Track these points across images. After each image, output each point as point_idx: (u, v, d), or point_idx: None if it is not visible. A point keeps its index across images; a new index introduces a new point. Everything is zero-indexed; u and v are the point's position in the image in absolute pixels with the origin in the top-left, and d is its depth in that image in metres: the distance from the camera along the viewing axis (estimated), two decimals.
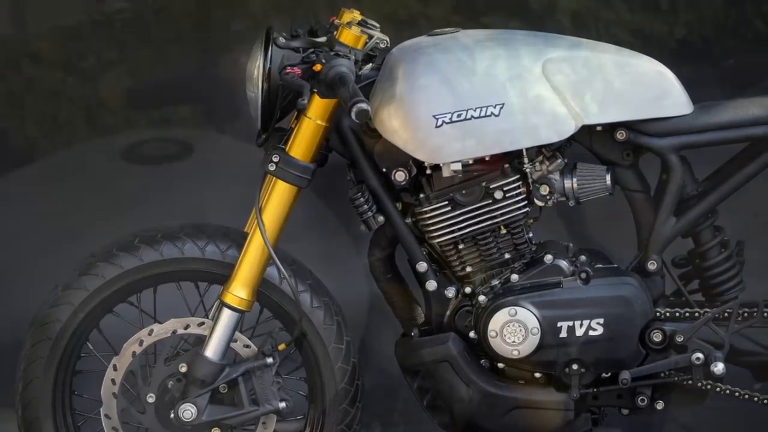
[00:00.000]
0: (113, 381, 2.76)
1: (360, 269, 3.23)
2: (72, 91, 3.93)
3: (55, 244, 3.75)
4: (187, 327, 2.75)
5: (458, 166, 2.67)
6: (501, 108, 2.62)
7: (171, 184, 3.91)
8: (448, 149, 2.63)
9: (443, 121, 2.61)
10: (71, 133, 3.96)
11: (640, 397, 2.73)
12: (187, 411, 2.70)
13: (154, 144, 4.00)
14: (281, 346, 2.76)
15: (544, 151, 2.71)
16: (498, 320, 2.68)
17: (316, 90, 2.61)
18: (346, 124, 2.70)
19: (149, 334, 2.75)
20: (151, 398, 2.74)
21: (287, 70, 2.61)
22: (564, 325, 2.67)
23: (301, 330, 2.75)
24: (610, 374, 2.71)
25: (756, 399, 2.73)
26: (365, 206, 2.71)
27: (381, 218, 2.73)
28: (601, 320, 2.67)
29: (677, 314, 2.73)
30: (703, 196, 2.73)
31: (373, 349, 3.53)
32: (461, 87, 2.63)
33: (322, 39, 2.70)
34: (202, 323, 2.74)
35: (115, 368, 2.76)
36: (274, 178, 2.67)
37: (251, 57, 2.69)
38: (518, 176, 2.69)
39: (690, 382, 2.71)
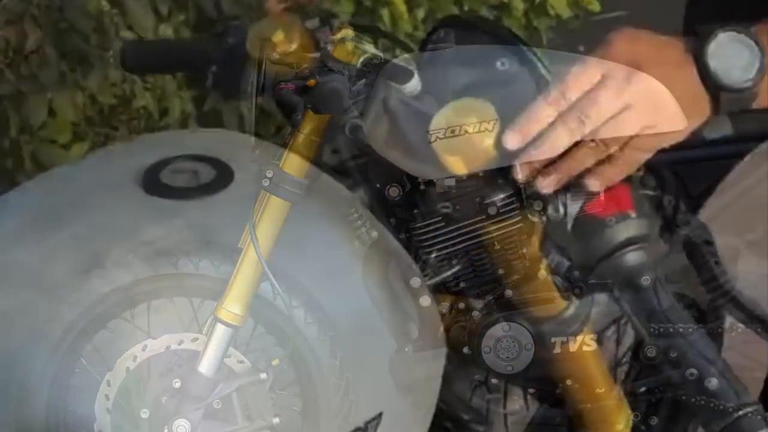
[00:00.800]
0: (107, 397, 2.76)
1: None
2: None
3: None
4: (180, 342, 2.75)
5: (452, 182, 2.66)
6: (495, 123, 2.62)
7: None
8: (442, 165, 2.63)
9: (437, 137, 2.61)
10: None
11: (634, 413, 2.73)
12: (181, 427, 2.70)
13: None
14: (275, 362, 2.76)
15: (538, 167, 2.71)
16: (492, 336, 2.68)
17: (309, 106, 2.61)
18: (340, 140, 2.70)
19: (143, 350, 2.75)
20: (144, 414, 2.74)
21: (281, 86, 2.61)
22: (558, 340, 2.67)
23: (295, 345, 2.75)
24: (603, 389, 2.72)
25: (750, 414, 2.73)
26: (358, 222, 2.71)
27: (374, 234, 2.73)
28: (595, 336, 2.67)
29: (671, 329, 2.73)
30: (697, 211, 2.74)
31: None
32: (455, 102, 2.63)
33: (316, 54, 2.70)
34: (196, 339, 2.74)
35: (108, 384, 2.76)
36: (268, 193, 2.68)
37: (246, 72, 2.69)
38: (512, 191, 2.69)
39: (684, 397, 2.71)
